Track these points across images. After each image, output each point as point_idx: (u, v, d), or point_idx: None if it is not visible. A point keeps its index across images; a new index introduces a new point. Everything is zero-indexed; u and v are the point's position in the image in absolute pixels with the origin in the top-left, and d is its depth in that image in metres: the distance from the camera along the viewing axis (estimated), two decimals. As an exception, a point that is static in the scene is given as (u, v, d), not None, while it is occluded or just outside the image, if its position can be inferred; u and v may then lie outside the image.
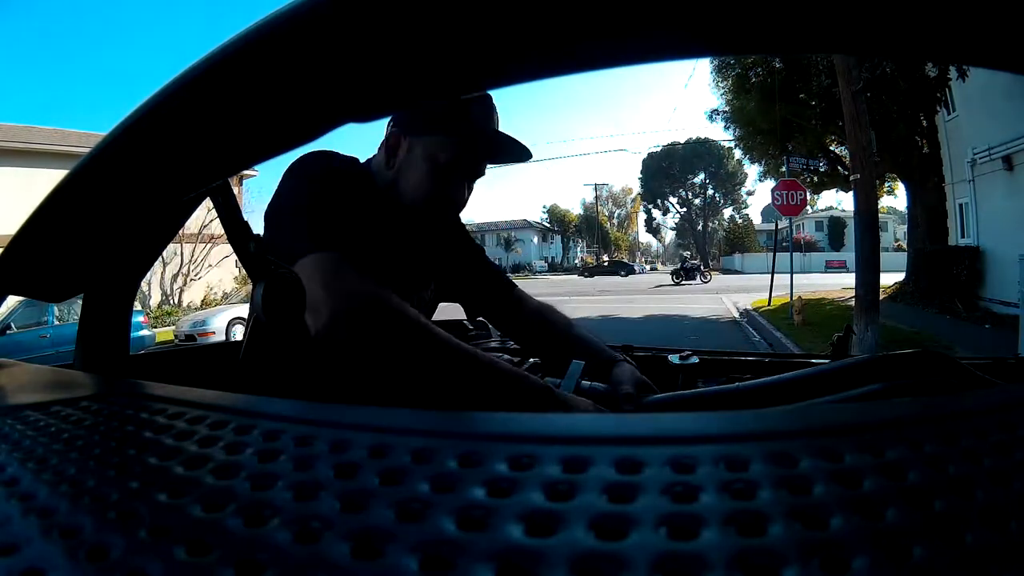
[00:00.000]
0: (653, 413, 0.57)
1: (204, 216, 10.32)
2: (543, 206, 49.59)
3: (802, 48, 0.23)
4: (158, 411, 0.31)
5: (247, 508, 0.19)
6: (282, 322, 0.44)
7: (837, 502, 0.16)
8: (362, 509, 0.18)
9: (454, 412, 0.28)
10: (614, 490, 0.18)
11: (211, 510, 0.19)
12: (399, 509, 0.18)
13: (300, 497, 0.19)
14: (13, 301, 5.69)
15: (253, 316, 0.71)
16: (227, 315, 7.92)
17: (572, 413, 0.57)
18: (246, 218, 0.45)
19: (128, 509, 0.20)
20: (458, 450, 0.21)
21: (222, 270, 12.69)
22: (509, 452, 0.21)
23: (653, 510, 0.16)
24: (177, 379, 0.41)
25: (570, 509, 0.17)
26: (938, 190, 9.23)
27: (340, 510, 0.18)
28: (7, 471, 0.25)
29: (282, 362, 0.68)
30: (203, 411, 0.29)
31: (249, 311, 0.76)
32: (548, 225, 43.73)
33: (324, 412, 0.29)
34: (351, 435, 0.24)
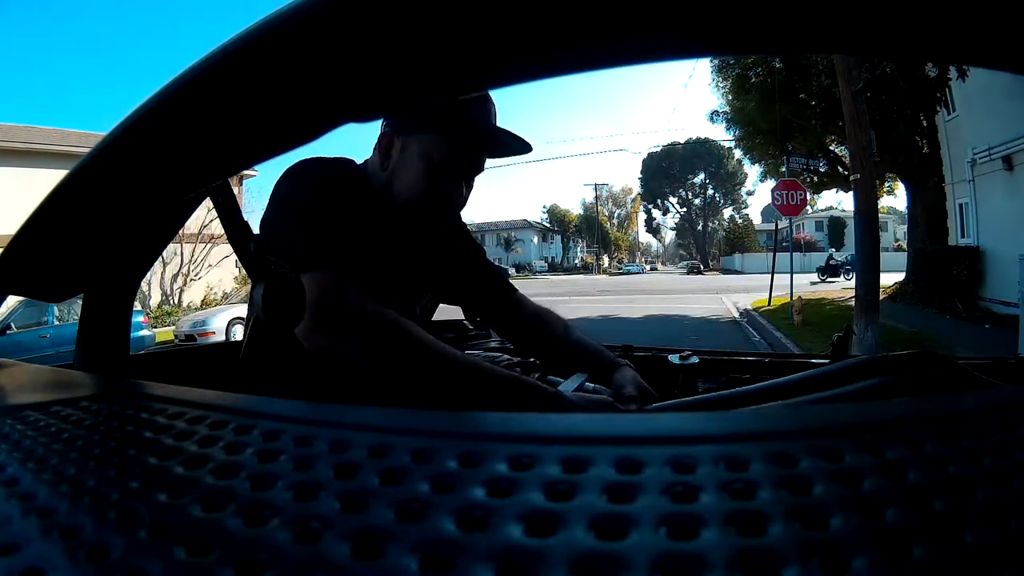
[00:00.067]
0: (653, 413, 0.57)
1: (204, 216, 10.33)
2: (543, 206, 49.70)
3: (802, 48, 0.23)
4: (158, 411, 0.31)
5: (247, 508, 0.19)
6: (282, 322, 0.44)
7: (837, 502, 0.16)
8: (362, 509, 0.18)
9: (454, 412, 0.28)
10: (614, 490, 0.18)
11: (211, 510, 0.19)
12: (399, 509, 0.18)
13: (300, 497, 0.19)
14: (13, 301, 5.69)
15: (253, 316, 0.71)
16: (227, 315, 7.93)
17: (574, 413, 0.57)
18: (246, 218, 0.45)
19: (128, 509, 0.20)
20: (458, 450, 0.21)
21: (222, 270, 12.69)
22: (509, 452, 0.21)
23: (653, 510, 0.16)
24: (177, 379, 0.41)
25: (570, 509, 0.17)
26: (938, 190, 9.24)
27: (340, 510, 0.18)
28: (7, 471, 0.25)
29: (282, 362, 0.68)
30: (203, 411, 0.29)
31: (248, 311, 0.76)
32: (548, 225, 43.75)
33: (324, 412, 0.29)
34: (351, 435, 0.24)
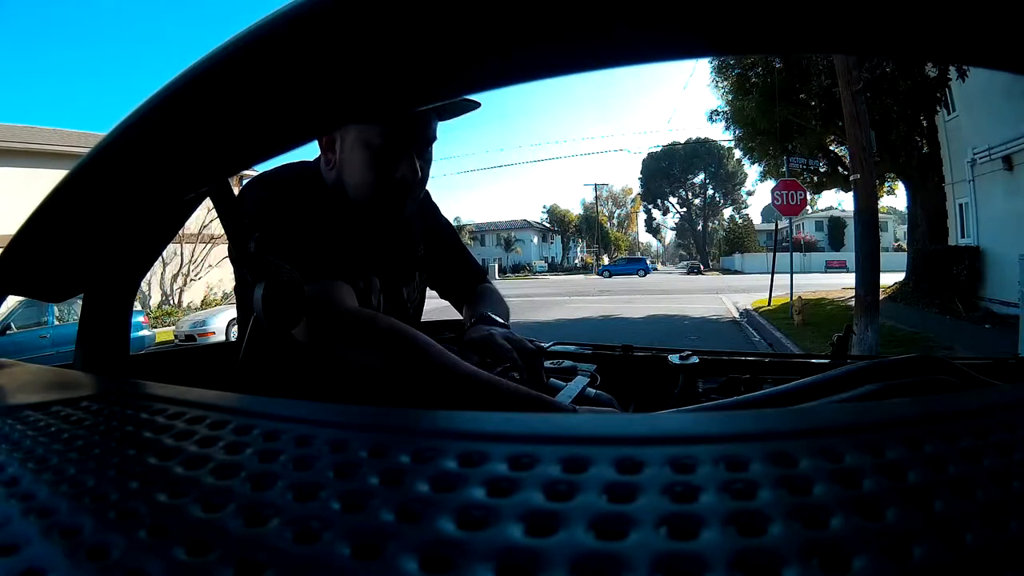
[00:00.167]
0: (653, 413, 0.57)
1: (204, 216, 10.33)
2: (543, 206, 49.73)
3: (802, 48, 0.23)
4: (158, 411, 0.31)
5: (247, 508, 0.19)
6: (282, 323, 0.44)
7: (837, 502, 0.16)
8: (362, 509, 0.18)
9: (454, 412, 0.28)
10: (614, 490, 0.18)
11: (211, 510, 0.19)
12: (399, 509, 0.18)
13: (300, 497, 0.19)
14: (13, 301, 5.69)
15: (252, 316, 0.71)
16: (227, 315, 7.92)
17: (574, 414, 0.57)
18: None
19: (128, 509, 0.20)
20: (458, 450, 0.21)
21: (222, 270, 12.67)
22: (509, 452, 0.21)
23: (653, 510, 0.16)
24: (177, 379, 0.41)
25: (570, 509, 0.17)
26: (938, 190, 9.23)
27: (340, 510, 0.18)
28: (7, 471, 0.25)
29: (282, 362, 0.68)
30: (203, 411, 0.29)
31: (240, 311, 0.75)
32: (548, 225, 43.73)
33: (324, 412, 0.29)
34: (351, 435, 0.24)
